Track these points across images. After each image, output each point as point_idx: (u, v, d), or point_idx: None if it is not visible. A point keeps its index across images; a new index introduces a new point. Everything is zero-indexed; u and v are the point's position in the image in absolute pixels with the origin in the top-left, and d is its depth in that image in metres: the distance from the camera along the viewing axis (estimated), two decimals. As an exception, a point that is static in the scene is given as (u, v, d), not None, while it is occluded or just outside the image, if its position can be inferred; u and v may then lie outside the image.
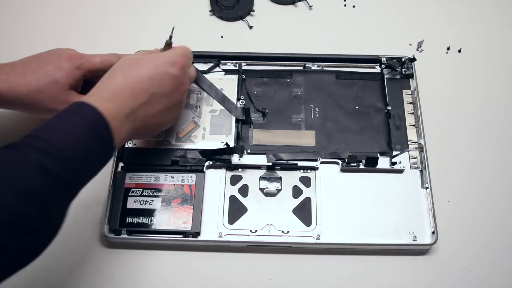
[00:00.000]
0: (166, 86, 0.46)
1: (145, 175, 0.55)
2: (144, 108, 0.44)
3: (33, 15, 0.70)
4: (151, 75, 0.45)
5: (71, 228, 0.55)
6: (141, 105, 0.44)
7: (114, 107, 0.41)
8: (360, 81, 0.62)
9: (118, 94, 0.42)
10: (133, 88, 0.43)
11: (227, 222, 0.54)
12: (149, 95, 0.44)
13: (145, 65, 0.46)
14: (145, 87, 0.44)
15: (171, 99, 0.47)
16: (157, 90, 0.45)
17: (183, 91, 0.49)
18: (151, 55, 0.48)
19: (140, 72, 0.45)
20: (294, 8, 0.71)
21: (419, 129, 0.59)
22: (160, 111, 0.46)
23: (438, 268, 0.54)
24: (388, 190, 0.56)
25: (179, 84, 0.48)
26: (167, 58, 0.47)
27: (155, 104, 0.45)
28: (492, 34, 0.69)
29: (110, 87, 0.43)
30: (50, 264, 0.53)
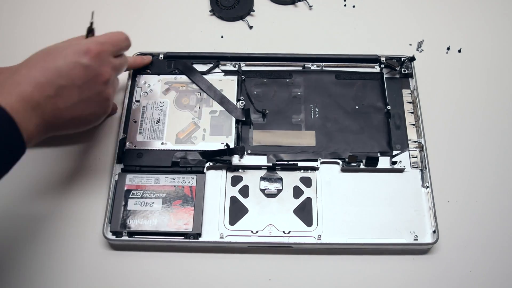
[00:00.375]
0: (76, 78, 0.43)
1: (145, 176, 0.55)
2: (52, 101, 0.42)
3: (32, 17, 0.70)
4: (58, 66, 0.42)
5: (72, 231, 0.55)
6: (47, 97, 0.41)
7: (17, 100, 0.39)
8: (360, 81, 0.62)
9: (22, 87, 0.40)
10: (38, 81, 0.41)
11: (228, 223, 0.54)
12: (56, 87, 0.42)
13: (54, 55, 0.43)
14: (51, 79, 0.41)
15: (86, 91, 0.44)
16: (65, 82, 0.42)
17: (102, 81, 0.45)
18: (64, 44, 0.45)
19: (46, 64, 0.42)
20: (294, 8, 0.71)
21: (419, 129, 0.59)
22: (74, 104, 0.43)
23: (438, 268, 0.54)
24: (389, 189, 0.56)
25: (94, 74, 0.44)
26: (78, 46, 0.44)
27: (65, 97, 0.42)
28: (492, 34, 0.69)
29: (13, 80, 0.41)
30: (51, 266, 0.53)
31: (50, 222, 0.55)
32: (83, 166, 0.58)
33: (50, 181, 0.57)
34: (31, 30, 0.69)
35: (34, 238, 0.54)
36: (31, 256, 0.54)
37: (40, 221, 0.55)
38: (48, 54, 0.43)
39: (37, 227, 0.55)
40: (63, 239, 0.54)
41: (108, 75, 0.45)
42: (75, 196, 0.56)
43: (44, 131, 0.43)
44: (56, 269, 0.53)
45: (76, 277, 0.53)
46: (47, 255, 0.54)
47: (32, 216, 0.55)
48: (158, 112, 0.59)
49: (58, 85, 0.42)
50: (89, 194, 0.57)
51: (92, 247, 0.54)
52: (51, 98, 0.41)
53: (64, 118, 0.44)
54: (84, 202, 0.56)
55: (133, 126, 0.59)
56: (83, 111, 0.45)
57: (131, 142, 0.57)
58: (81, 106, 0.44)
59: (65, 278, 0.52)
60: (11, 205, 0.56)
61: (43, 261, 0.53)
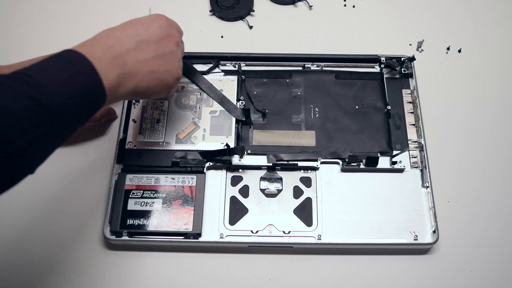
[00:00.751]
0: (153, 34, 0.47)
1: (145, 176, 0.55)
2: (133, 53, 0.45)
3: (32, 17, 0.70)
4: (136, 27, 0.46)
5: (72, 230, 0.55)
6: (128, 50, 0.44)
7: (97, 50, 0.41)
8: (360, 81, 0.62)
9: (102, 41, 0.43)
10: (117, 36, 0.44)
11: (228, 223, 0.54)
12: (135, 41, 0.45)
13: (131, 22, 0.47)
14: (130, 34, 0.45)
15: (162, 47, 0.48)
16: (143, 37, 0.46)
17: (174, 41, 0.49)
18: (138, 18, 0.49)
19: (124, 27, 0.46)
20: (294, 8, 0.71)
21: (419, 129, 0.59)
22: (152, 58, 0.46)
23: (438, 268, 0.54)
24: (389, 189, 0.56)
25: (167, 34, 0.48)
26: (149, 16, 0.49)
27: (144, 50, 0.46)
28: (492, 34, 0.69)
29: (94, 38, 0.44)
30: (51, 266, 0.53)
31: (50, 222, 0.55)
32: (83, 166, 0.58)
33: (50, 181, 0.57)
34: (31, 30, 0.69)
35: (34, 238, 0.54)
36: (31, 256, 0.54)
37: (40, 221, 0.55)
38: (124, 23, 0.47)
39: (37, 227, 0.55)
40: (63, 239, 0.54)
41: (177, 37, 0.49)
42: (75, 196, 0.57)
43: (124, 83, 0.44)
44: (56, 269, 0.53)
45: (76, 277, 0.53)
46: (47, 255, 0.54)
47: (32, 216, 0.55)
48: (158, 112, 0.59)
49: (137, 39, 0.45)
50: (89, 194, 0.57)
51: (92, 247, 0.54)
52: (131, 51, 0.44)
53: (143, 72, 0.45)
54: (84, 202, 0.56)
55: (133, 126, 0.59)
56: (160, 66, 0.47)
57: (131, 142, 0.57)
58: (158, 61, 0.47)
59: (65, 278, 0.52)
60: (11, 205, 0.56)
61: (43, 261, 0.53)
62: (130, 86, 0.45)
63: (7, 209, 0.56)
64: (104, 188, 0.56)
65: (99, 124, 0.60)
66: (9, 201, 0.56)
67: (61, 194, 0.57)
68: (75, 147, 0.59)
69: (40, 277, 0.53)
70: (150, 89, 0.47)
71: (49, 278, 0.52)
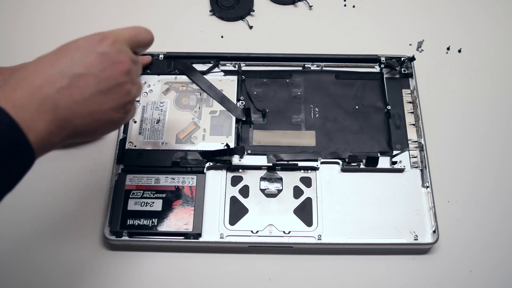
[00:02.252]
0: (92, 65, 0.37)
1: (145, 177, 0.55)
2: (67, 93, 0.36)
3: (31, 17, 0.70)
4: (71, 55, 0.37)
5: (72, 231, 0.55)
6: (60, 89, 0.36)
7: (20, 96, 0.34)
8: (360, 81, 0.62)
9: (27, 81, 0.35)
10: (47, 72, 0.36)
11: (228, 223, 0.54)
12: (69, 77, 0.36)
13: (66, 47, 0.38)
14: (63, 68, 0.36)
15: (104, 80, 0.38)
16: (80, 70, 0.37)
17: (121, 70, 0.39)
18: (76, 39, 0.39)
19: (57, 56, 0.37)
20: (294, 8, 0.71)
21: (419, 128, 0.59)
22: (92, 95, 0.37)
23: (438, 268, 0.54)
24: (389, 189, 0.56)
25: (112, 62, 0.39)
26: (92, 36, 0.39)
27: (82, 87, 0.37)
28: (492, 34, 0.69)
29: (19, 76, 0.36)
30: (51, 266, 0.53)
31: (50, 222, 0.55)
32: (83, 166, 0.58)
33: (50, 181, 0.57)
34: (31, 30, 0.69)
35: (34, 238, 0.54)
36: (31, 256, 0.54)
37: (40, 221, 0.55)
38: (59, 49, 0.38)
39: (37, 227, 0.55)
40: (63, 239, 0.54)
41: (127, 64, 0.40)
42: (75, 196, 0.57)
43: (58, 132, 0.36)
44: (56, 269, 0.53)
45: (76, 277, 0.53)
46: (47, 255, 0.54)
47: (32, 216, 0.55)
48: (158, 112, 0.59)
49: (71, 74, 0.36)
50: (89, 194, 0.57)
51: (92, 247, 0.54)
52: (64, 90, 0.36)
53: (81, 114, 0.37)
54: (84, 202, 0.56)
55: (133, 126, 0.59)
56: (102, 103, 0.38)
57: (131, 142, 0.57)
58: (100, 98, 0.38)
59: (65, 278, 0.53)
60: (12, 205, 0.56)
61: (43, 261, 0.53)
62: (66, 133, 0.37)
63: (7, 209, 0.56)
64: (104, 188, 0.56)
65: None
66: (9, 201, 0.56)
67: (61, 195, 0.57)
68: (75, 148, 0.59)
69: (40, 277, 0.53)
70: (92, 132, 0.39)
71: (49, 278, 0.52)
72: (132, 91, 0.41)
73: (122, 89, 0.40)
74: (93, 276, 0.53)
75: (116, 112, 0.40)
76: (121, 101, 0.40)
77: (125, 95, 0.40)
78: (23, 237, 0.55)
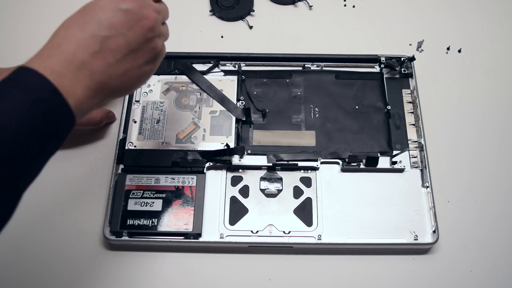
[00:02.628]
0: (119, 25, 0.38)
1: (145, 177, 0.55)
2: (100, 57, 0.37)
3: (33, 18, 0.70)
4: (97, 18, 0.37)
5: (71, 230, 0.55)
6: (94, 54, 0.37)
7: (57, 63, 0.35)
8: (360, 81, 0.62)
9: (62, 48, 0.36)
10: (78, 37, 0.36)
11: (228, 223, 0.54)
12: (100, 40, 0.37)
13: (90, 9, 0.38)
14: (93, 31, 0.37)
15: (133, 38, 0.39)
16: (108, 32, 0.37)
17: (148, 26, 0.40)
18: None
19: (84, 19, 0.37)
20: (294, 8, 0.71)
21: (419, 128, 0.59)
22: (125, 56, 0.38)
23: (438, 268, 0.54)
24: (389, 189, 0.56)
25: (138, 18, 0.39)
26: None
27: (113, 50, 0.38)
28: (492, 34, 0.69)
29: (52, 43, 0.36)
30: (51, 267, 0.53)
31: (50, 222, 0.55)
32: (83, 166, 0.58)
33: (51, 181, 0.57)
34: (31, 31, 0.69)
35: (34, 238, 0.54)
36: (31, 256, 0.54)
37: (40, 221, 0.55)
38: (84, 10, 0.39)
39: (37, 227, 0.55)
40: (63, 239, 0.54)
41: (152, 18, 0.40)
42: (75, 196, 0.57)
43: (95, 95, 0.37)
44: (56, 269, 0.53)
45: (76, 277, 0.53)
46: (47, 255, 0.54)
47: (32, 216, 0.55)
48: (158, 112, 0.59)
49: (101, 37, 0.37)
50: (89, 194, 0.57)
51: (92, 247, 0.54)
52: (97, 54, 0.37)
53: (116, 75, 0.38)
54: (84, 202, 0.56)
55: (133, 126, 0.59)
56: (134, 62, 0.40)
57: (131, 142, 0.57)
58: (132, 57, 0.39)
59: (65, 278, 0.52)
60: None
61: (43, 261, 0.53)
62: (104, 95, 0.38)
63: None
64: (104, 188, 0.56)
65: (99, 127, 0.60)
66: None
67: (61, 194, 0.57)
68: (75, 148, 0.59)
69: (40, 277, 0.53)
70: (128, 88, 0.41)
71: (49, 278, 0.52)
72: (159, 43, 0.42)
73: (151, 44, 0.41)
74: (93, 276, 0.53)
75: (147, 65, 0.41)
76: (151, 54, 0.41)
77: (153, 48, 0.41)
78: (23, 237, 0.55)
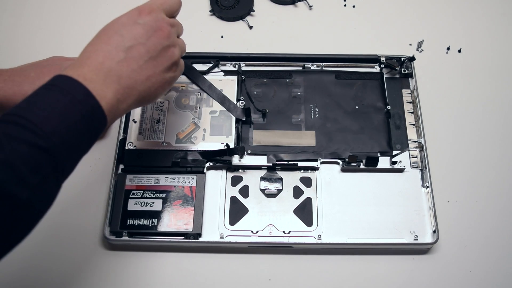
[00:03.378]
0: (138, 36, 0.44)
1: (145, 177, 0.55)
2: (125, 64, 0.42)
3: (32, 20, 0.70)
4: (119, 33, 0.43)
5: (72, 231, 0.55)
6: (119, 62, 0.42)
7: (88, 71, 0.40)
8: (360, 81, 0.62)
9: (91, 59, 0.41)
10: (105, 49, 0.42)
11: (228, 223, 0.54)
12: (124, 50, 0.42)
13: (112, 26, 0.44)
14: (117, 44, 0.42)
15: (153, 47, 0.44)
16: (130, 42, 0.43)
17: (164, 35, 0.45)
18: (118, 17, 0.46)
19: (108, 35, 0.43)
20: (294, 8, 0.71)
21: (419, 128, 0.59)
22: (146, 62, 0.44)
23: (438, 268, 0.54)
24: (389, 189, 0.56)
25: (154, 30, 0.45)
26: (131, 11, 0.46)
27: (136, 57, 0.43)
28: (492, 34, 0.69)
29: (82, 57, 0.42)
30: (51, 267, 0.53)
31: (50, 222, 0.55)
32: (84, 166, 0.58)
33: (50, 181, 0.57)
34: (30, 32, 0.69)
35: (34, 238, 0.54)
36: (31, 256, 0.54)
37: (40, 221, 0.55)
38: (106, 28, 0.44)
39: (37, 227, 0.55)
40: (63, 239, 0.54)
41: (166, 29, 0.46)
42: (75, 196, 0.56)
43: (124, 99, 0.42)
44: (56, 269, 0.53)
45: (77, 277, 0.53)
46: (47, 255, 0.54)
47: (32, 216, 0.55)
48: (158, 112, 0.59)
49: (125, 47, 0.42)
50: (89, 194, 0.57)
51: (93, 247, 0.54)
52: (123, 62, 0.42)
53: (141, 80, 0.43)
54: (84, 202, 0.56)
55: (133, 126, 0.59)
56: (155, 67, 0.45)
57: (131, 142, 0.57)
58: (152, 64, 0.44)
59: (65, 278, 0.53)
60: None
61: (43, 261, 0.53)
62: (131, 99, 0.43)
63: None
64: (104, 188, 0.56)
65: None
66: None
67: (61, 194, 0.56)
68: (75, 147, 0.59)
69: (40, 277, 0.53)
70: (152, 94, 0.45)
71: (50, 278, 0.53)
72: (176, 52, 0.47)
73: (168, 52, 0.46)
74: (93, 276, 0.53)
75: (167, 72, 0.46)
76: (169, 62, 0.46)
77: (170, 56, 0.46)
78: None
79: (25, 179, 0.33)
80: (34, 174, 0.34)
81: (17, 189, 0.33)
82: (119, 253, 0.54)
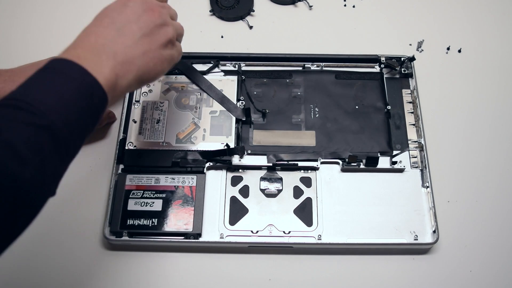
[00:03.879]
0: (129, 15, 0.44)
1: (145, 177, 0.55)
2: (119, 41, 0.43)
3: (32, 20, 0.70)
4: (109, 15, 0.44)
5: (72, 230, 0.55)
6: (113, 39, 0.42)
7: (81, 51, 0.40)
8: (360, 81, 0.62)
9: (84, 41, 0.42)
10: (96, 31, 0.43)
11: (228, 223, 0.54)
12: (115, 29, 0.43)
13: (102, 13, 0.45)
14: (108, 25, 0.43)
15: (144, 23, 0.45)
16: (121, 22, 0.44)
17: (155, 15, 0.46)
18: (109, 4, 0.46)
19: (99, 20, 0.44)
20: (294, 8, 0.71)
21: (419, 128, 0.59)
22: (140, 38, 0.44)
23: (438, 268, 0.54)
24: (389, 189, 0.56)
25: (144, 10, 0.45)
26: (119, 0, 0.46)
27: (129, 34, 0.44)
28: (492, 34, 0.69)
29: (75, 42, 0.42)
30: (51, 267, 0.53)
31: (50, 222, 0.55)
32: (84, 166, 0.58)
33: (50, 181, 0.57)
34: (30, 32, 0.69)
35: (34, 238, 0.54)
36: (31, 256, 0.54)
37: (40, 221, 0.55)
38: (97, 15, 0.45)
39: (37, 227, 0.55)
40: (63, 239, 0.54)
41: (156, 9, 0.46)
42: (75, 196, 0.57)
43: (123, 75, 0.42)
44: (56, 269, 0.53)
45: (77, 277, 0.53)
46: (47, 255, 0.54)
47: (32, 216, 0.55)
48: (158, 112, 0.59)
49: (116, 27, 0.43)
50: (89, 194, 0.57)
51: (92, 247, 0.54)
52: (116, 39, 0.43)
53: (137, 55, 0.44)
54: (84, 202, 0.56)
55: (133, 126, 0.59)
56: (150, 43, 0.45)
57: (131, 142, 0.57)
58: (147, 40, 0.45)
59: (65, 278, 0.53)
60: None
61: (43, 261, 0.53)
62: (131, 75, 0.43)
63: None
64: (104, 188, 0.56)
65: (99, 127, 0.60)
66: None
67: (61, 194, 0.56)
68: (75, 147, 0.59)
69: (40, 277, 0.53)
70: (152, 70, 0.45)
71: (50, 278, 0.52)
72: (169, 30, 0.47)
73: (161, 29, 0.46)
74: (93, 276, 0.53)
75: (163, 49, 0.46)
76: (164, 39, 0.46)
77: (164, 34, 0.46)
78: (23, 237, 0.54)
79: (26, 158, 0.33)
80: (35, 153, 0.34)
81: (19, 169, 0.33)
82: (119, 253, 0.54)
